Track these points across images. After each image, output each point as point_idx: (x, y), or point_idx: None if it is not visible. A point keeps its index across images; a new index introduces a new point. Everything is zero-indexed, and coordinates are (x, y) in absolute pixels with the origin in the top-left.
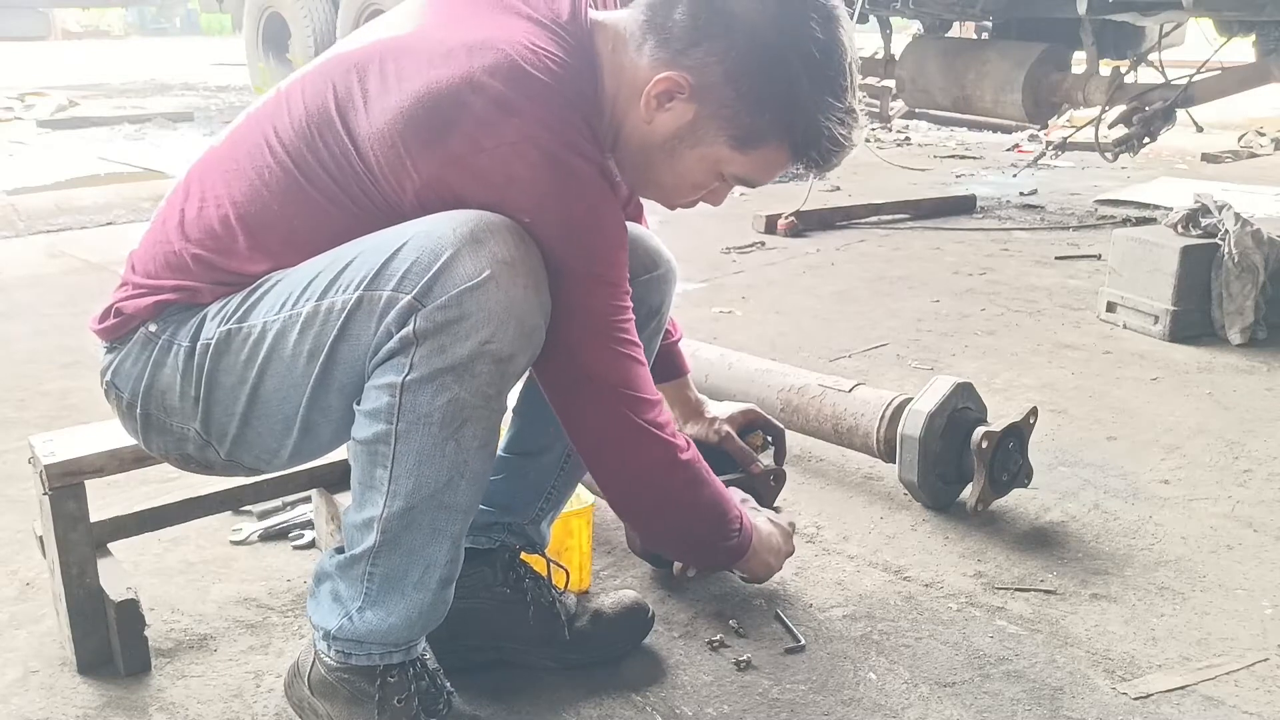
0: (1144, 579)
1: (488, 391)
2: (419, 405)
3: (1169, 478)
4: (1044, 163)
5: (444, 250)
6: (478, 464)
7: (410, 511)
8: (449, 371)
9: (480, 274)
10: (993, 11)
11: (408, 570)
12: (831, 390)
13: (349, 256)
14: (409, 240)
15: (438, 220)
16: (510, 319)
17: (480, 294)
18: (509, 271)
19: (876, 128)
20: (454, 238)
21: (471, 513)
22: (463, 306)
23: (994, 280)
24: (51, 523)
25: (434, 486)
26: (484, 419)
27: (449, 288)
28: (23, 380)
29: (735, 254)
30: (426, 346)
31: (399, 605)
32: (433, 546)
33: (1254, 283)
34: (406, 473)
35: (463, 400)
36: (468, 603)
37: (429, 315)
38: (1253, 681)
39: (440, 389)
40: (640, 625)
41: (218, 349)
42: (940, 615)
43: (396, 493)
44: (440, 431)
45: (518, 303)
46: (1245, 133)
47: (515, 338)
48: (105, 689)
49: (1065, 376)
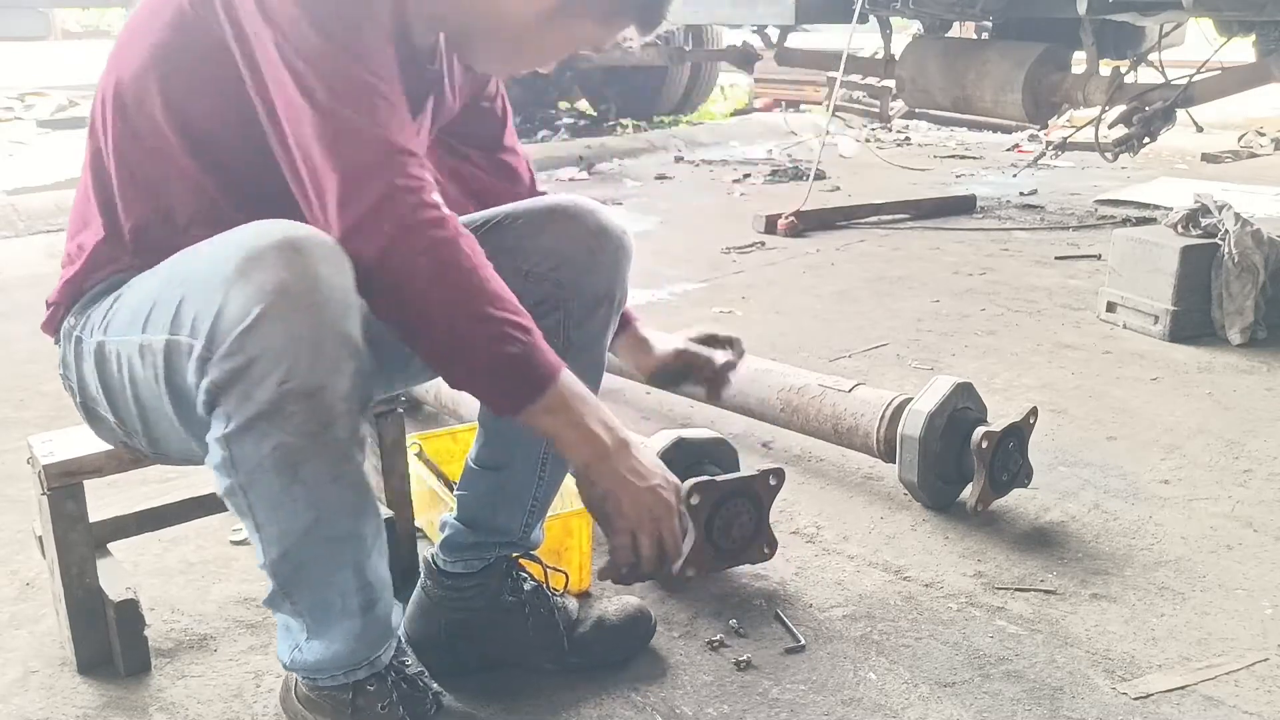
0: (1144, 579)
1: (310, 429)
2: (248, 456)
3: (1169, 478)
4: (1044, 163)
5: (215, 293)
6: (339, 495)
7: (288, 555)
8: (262, 418)
9: (251, 312)
10: (993, 11)
11: (327, 601)
12: (831, 390)
13: (157, 289)
14: (186, 291)
15: (207, 256)
16: (300, 349)
17: (257, 333)
18: (282, 300)
19: (876, 128)
20: (221, 277)
21: (366, 535)
22: (246, 351)
23: (994, 280)
24: (50, 523)
25: (302, 527)
26: (321, 454)
27: (228, 332)
28: (22, 380)
29: (735, 254)
30: (233, 396)
31: (336, 633)
32: (336, 577)
33: (1254, 283)
34: (267, 520)
35: (288, 444)
36: (468, 613)
37: (219, 364)
38: (1253, 681)
39: (261, 436)
40: (643, 632)
41: (99, 358)
42: (940, 615)
43: (267, 540)
44: (279, 478)
45: (302, 330)
46: (1245, 133)
47: (313, 367)
48: (105, 689)
49: (1065, 376)
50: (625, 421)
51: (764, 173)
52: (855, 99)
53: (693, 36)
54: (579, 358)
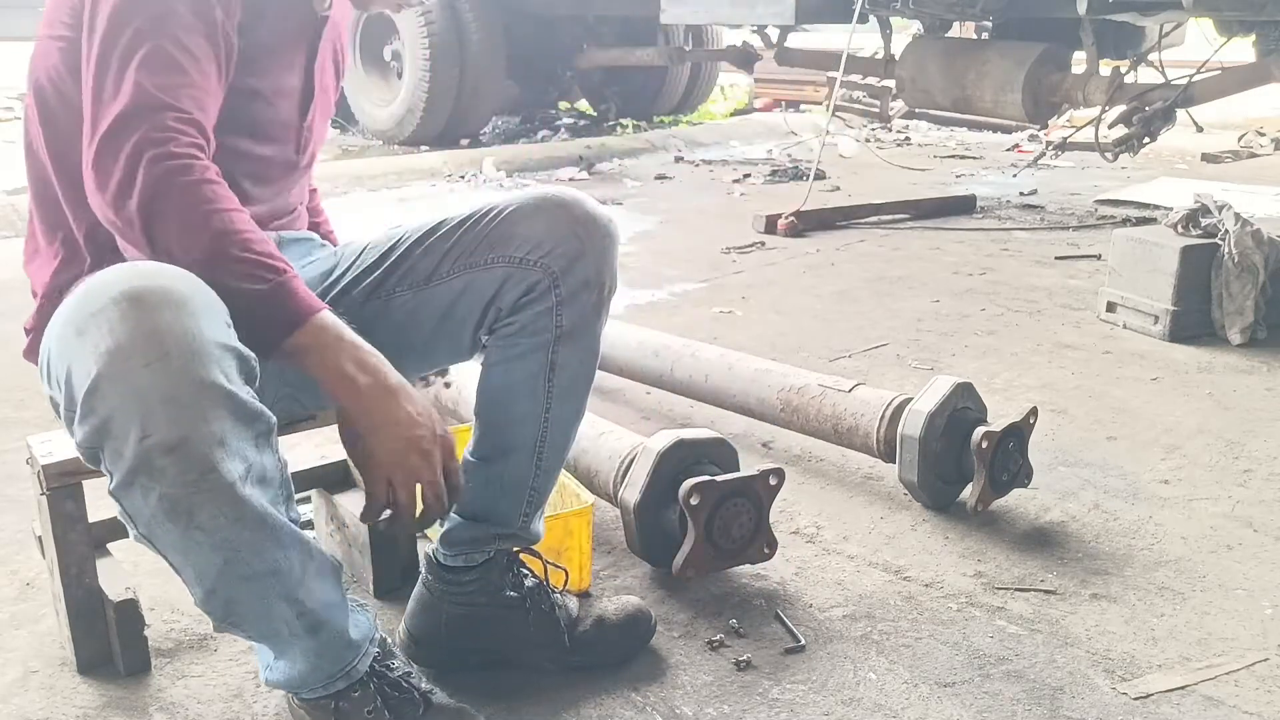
0: (1144, 579)
1: (188, 478)
2: (139, 510)
3: (1169, 478)
4: (1044, 163)
5: (66, 356)
6: (244, 535)
7: (214, 594)
8: (136, 473)
9: (90, 374)
10: (993, 11)
11: (275, 631)
12: (831, 390)
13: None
14: (50, 342)
15: (65, 312)
16: (150, 405)
17: (101, 395)
18: (116, 359)
19: (876, 128)
20: (68, 338)
21: (286, 568)
22: (97, 412)
23: (994, 280)
24: (50, 523)
25: (216, 568)
26: (209, 502)
27: (77, 394)
28: (22, 380)
29: (735, 254)
30: (106, 454)
31: (295, 654)
32: (272, 609)
33: (1254, 283)
34: (181, 564)
35: (171, 495)
36: (469, 607)
37: (80, 427)
38: (1253, 681)
39: (144, 491)
40: (643, 632)
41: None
42: (940, 615)
43: (189, 582)
44: (175, 526)
45: (146, 387)
46: (1245, 133)
47: (171, 421)
48: (105, 689)
49: (1065, 376)
50: (625, 421)
51: (764, 173)
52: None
53: (693, 36)
54: (571, 343)
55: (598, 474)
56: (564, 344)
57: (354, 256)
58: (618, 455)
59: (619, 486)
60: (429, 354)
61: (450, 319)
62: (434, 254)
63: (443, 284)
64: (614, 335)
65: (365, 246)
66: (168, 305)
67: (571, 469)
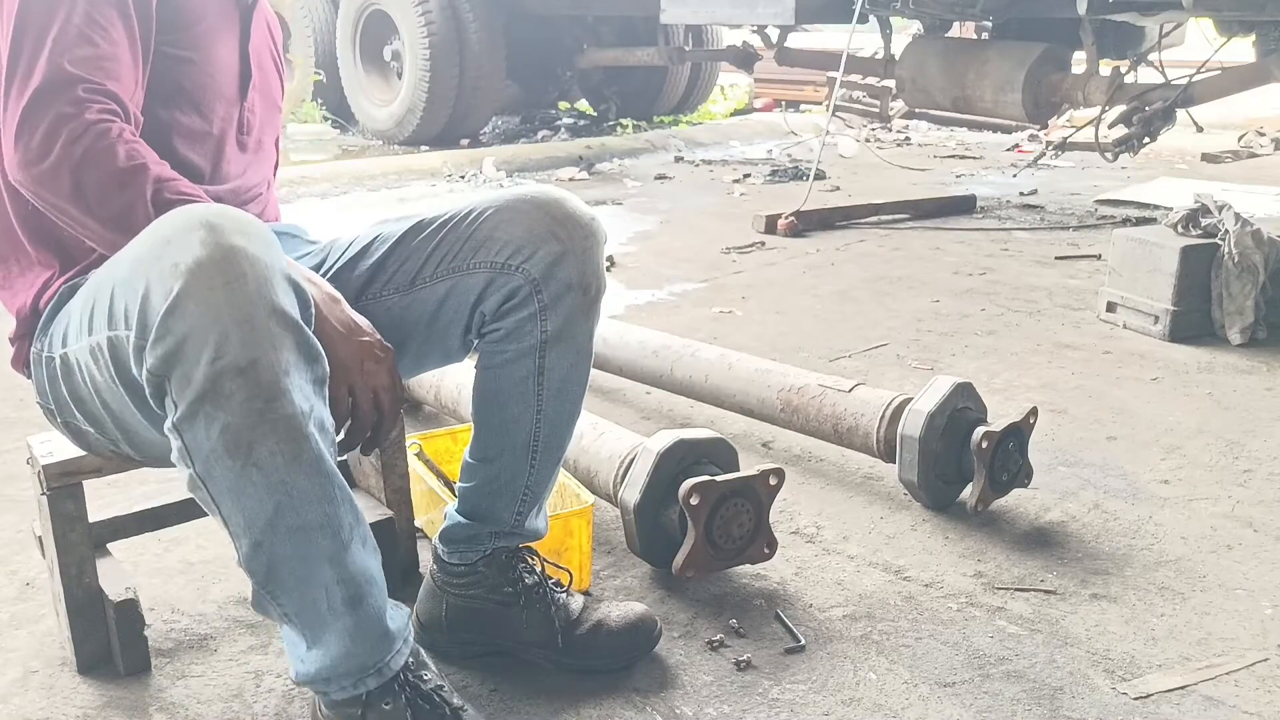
0: (1144, 579)
1: (254, 406)
2: (200, 444)
3: (1169, 478)
4: (1044, 163)
5: (138, 281)
6: (299, 479)
7: (260, 547)
8: (203, 400)
9: (171, 292)
10: (993, 11)
11: (313, 600)
12: (831, 390)
13: (94, 290)
14: (114, 283)
15: (131, 249)
16: (226, 325)
17: (180, 314)
18: (197, 276)
19: (876, 128)
20: (140, 263)
21: (337, 525)
22: (173, 332)
23: (994, 280)
24: (50, 523)
25: (266, 515)
26: (270, 434)
27: (153, 316)
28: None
29: (735, 254)
30: (173, 382)
31: (329, 637)
32: (314, 572)
33: (1254, 283)
34: (231, 511)
35: (233, 425)
36: (466, 600)
37: (152, 351)
38: (1253, 681)
39: (208, 420)
40: (643, 641)
41: (64, 370)
42: (940, 615)
43: (236, 534)
44: (233, 462)
45: (223, 306)
46: (1245, 133)
47: (245, 341)
48: (105, 689)
49: (1065, 376)
50: (625, 421)
51: (764, 173)
52: (855, 99)
53: (693, 36)
54: (559, 346)
55: (598, 474)
56: (551, 348)
57: (340, 251)
58: (618, 455)
59: (619, 486)
60: (421, 357)
61: (437, 322)
62: (418, 256)
63: (427, 288)
64: (614, 335)
65: (351, 241)
66: (241, 233)
67: (571, 469)
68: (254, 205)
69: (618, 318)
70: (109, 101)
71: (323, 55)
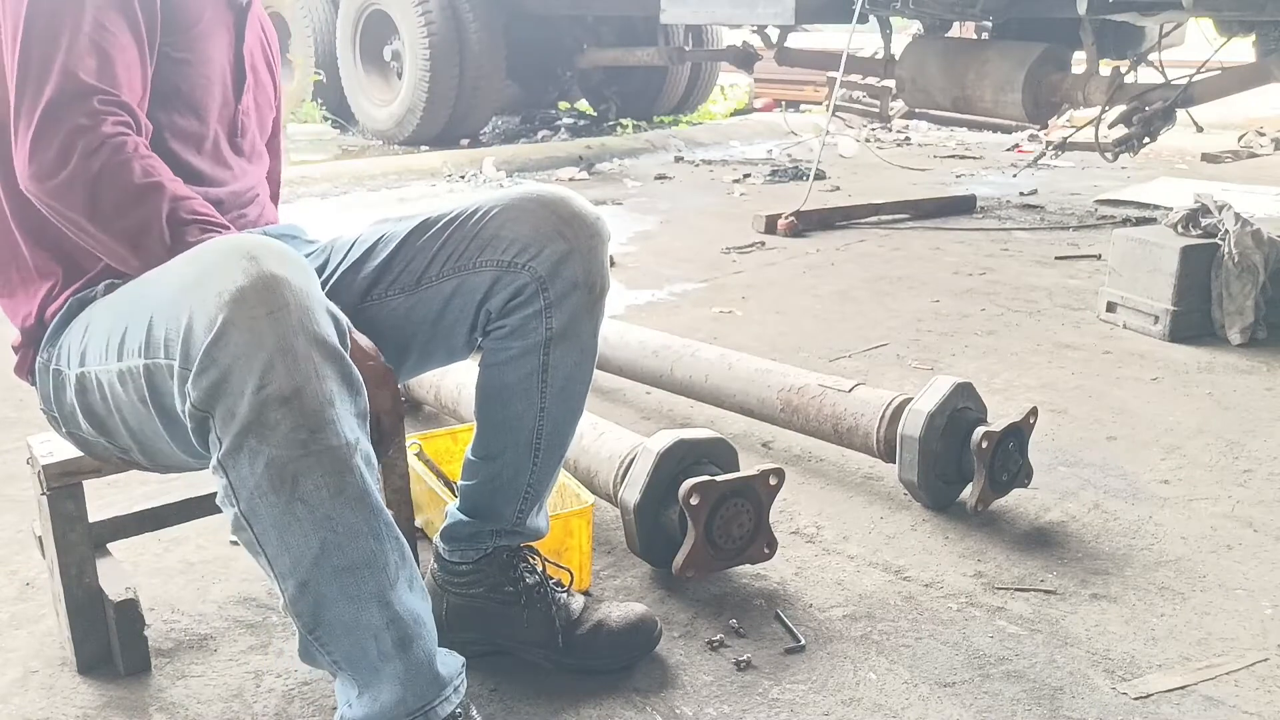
0: (1144, 579)
1: (298, 437)
2: (244, 479)
3: (1169, 478)
4: (1044, 163)
5: (180, 310)
6: (345, 513)
7: (306, 588)
8: (247, 433)
9: (215, 322)
10: (993, 11)
11: (362, 646)
12: (831, 390)
13: (125, 315)
14: (154, 310)
15: (170, 275)
16: (270, 354)
17: (225, 343)
18: (240, 305)
19: (876, 128)
20: (183, 292)
21: (384, 562)
22: (217, 363)
23: (994, 280)
24: (50, 523)
25: (312, 554)
26: (315, 467)
27: (197, 347)
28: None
29: (735, 254)
30: (218, 414)
31: (381, 683)
32: (361, 615)
33: (1254, 283)
34: (277, 551)
35: (278, 457)
36: (466, 598)
37: (195, 382)
38: (1253, 681)
39: (252, 454)
40: (643, 642)
41: (80, 387)
42: (940, 615)
43: (282, 574)
44: (277, 498)
45: (267, 334)
46: (1245, 133)
47: (289, 370)
48: (105, 689)
49: (1065, 376)
50: (625, 421)
51: (764, 173)
52: (855, 99)
53: (693, 36)
54: (564, 344)
55: (598, 474)
56: (556, 346)
57: (343, 252)
58: (618, 455)
59: (619, 486)
60: (426, 355)
61: (443, 321)
62: (424, 255)
63: (433, 286)
64: (614, 335)
65: (353, 242)
66: (283, 262)
67: (571, 469)
68: (251, 209)
69: (618, 318)
70: (122, 113)
71: (323, 55)
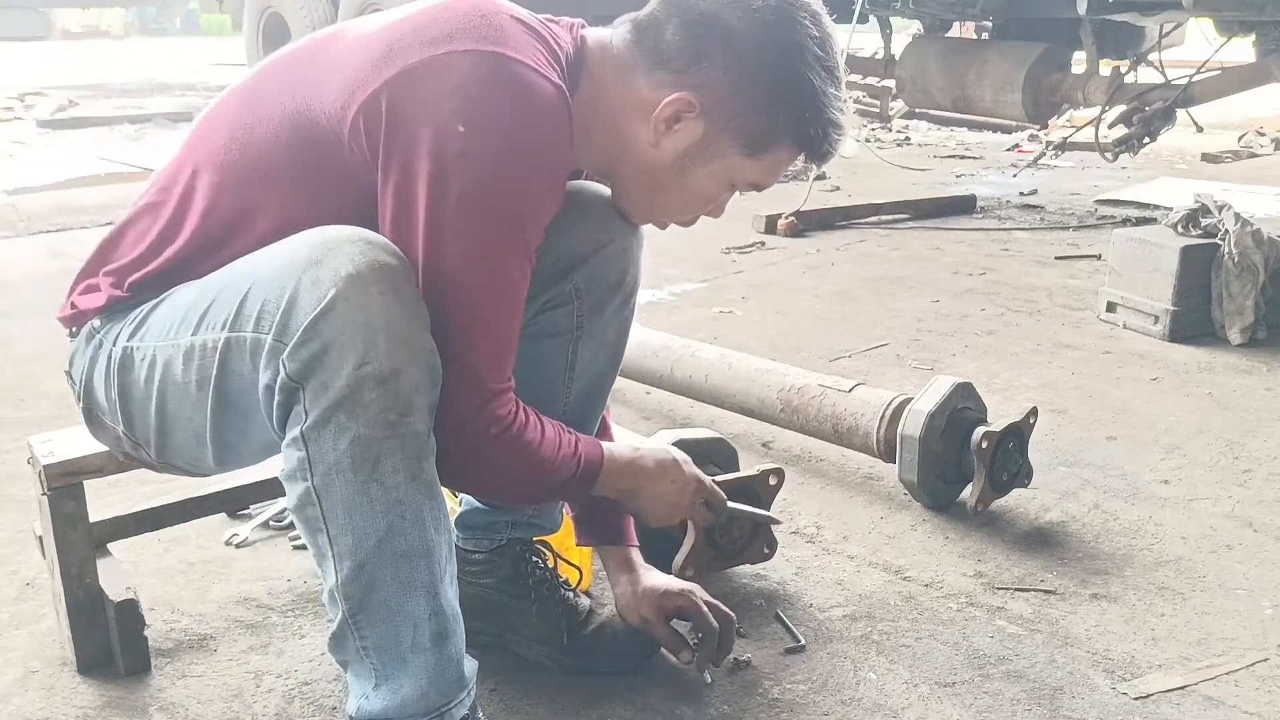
0: (1144, 579)
1: (387, 418)
2: (325, 454)
3: (1169, 478)
4: (1044, 163)
5: (287, 282)
6: (416, 499)
7: (362, 570)
8: (338, 408)
9: (326, 295)
10: (993, 11)
11: (398, 635)
12: (831, 390)
13: (215, 290)
14: (254, 282)
15: (277, 252)
16: (376, 332)
17: (333, 317)
18: (355, 284)
19: (876, 128)
20: (292, 266)
21: (439, 553)
22: (321, 336)
23: (994, 280)
24: (50, 523)
25: (376, 536)
26: (398, 449)
27: (301, 320)
28: (22, 380)
29: (735, 254)
30: (310, 388)
31: (405, 675)
32: (408, 602)
33: (1254, 283)
34: (341, 530)
35: (365, 436)
36: (475, 588)
37: (293, 354)
38: (1253, 681)
39: (339, 430)
40: (647, 646)
41: (122, 364)
42: (940, 615)
43: (341, 554)
44: (355, 476)
45: (377, 313)
46: (1245, 133)
47: (391, 351)
48: (105, 689)
49: (1065, 376)
50: (624, 421)
51: None
52: (855, 99)
53: None
54: (594, 344)
55: None
56: (584, 343)
57: None
58: None
59: None
60: None
61: None
62: None
63: None
64: None
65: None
66: (395, 253)
67: None
68: None
69: None
70: (514, 401)
71: None
